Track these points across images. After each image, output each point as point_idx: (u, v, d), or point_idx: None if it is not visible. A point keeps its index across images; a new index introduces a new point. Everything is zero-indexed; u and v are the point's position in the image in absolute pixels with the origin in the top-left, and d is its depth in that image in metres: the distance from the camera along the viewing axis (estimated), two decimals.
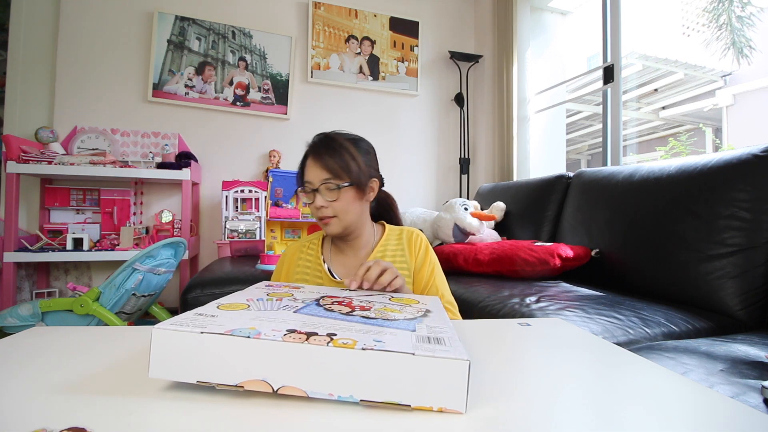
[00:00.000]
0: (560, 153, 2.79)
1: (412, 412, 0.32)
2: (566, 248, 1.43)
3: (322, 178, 0.76)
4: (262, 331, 0.34)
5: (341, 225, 0.79)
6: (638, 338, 0.90)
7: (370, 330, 0.38)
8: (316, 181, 0.77)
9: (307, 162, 0.79)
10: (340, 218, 0.78)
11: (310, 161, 0.79)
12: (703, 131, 5.74)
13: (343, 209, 0.78)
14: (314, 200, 0.77)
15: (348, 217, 0.79)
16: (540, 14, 2.79)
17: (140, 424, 0.30)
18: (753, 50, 4.97)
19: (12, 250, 1.84)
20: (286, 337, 0.34)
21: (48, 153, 1.92)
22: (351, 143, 0.80)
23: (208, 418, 0.31)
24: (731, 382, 0.61)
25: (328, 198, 0.77)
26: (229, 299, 0.48)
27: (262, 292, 0.54)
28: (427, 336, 0.38)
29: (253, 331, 0.34)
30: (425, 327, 0.41)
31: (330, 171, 0.76)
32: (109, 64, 2.26)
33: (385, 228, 0.89)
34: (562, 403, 0.36)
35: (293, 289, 0.58)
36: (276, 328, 0.36)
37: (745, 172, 1.06)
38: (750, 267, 1.03)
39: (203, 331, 0.33)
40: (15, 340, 0.51)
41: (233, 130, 2.48)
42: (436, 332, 0.39)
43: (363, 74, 2.71)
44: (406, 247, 0.86)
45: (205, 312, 0.40)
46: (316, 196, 0.77)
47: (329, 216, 0.78)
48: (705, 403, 0.36)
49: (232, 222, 2.12)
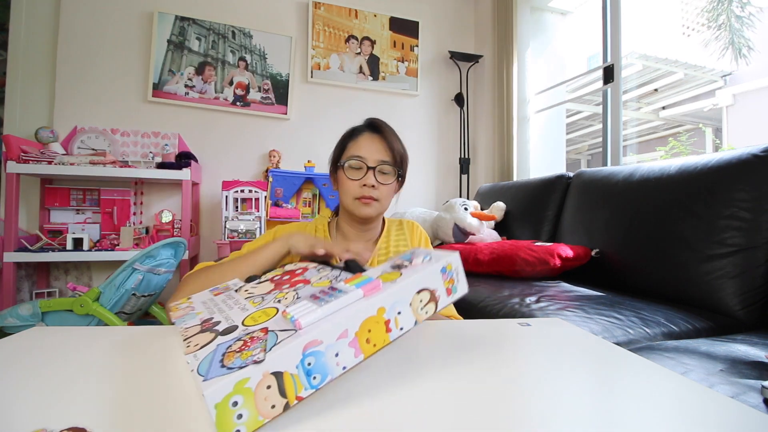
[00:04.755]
0: (560, 153, 2.79)
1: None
2: (566, 248, 1.43)
3: (381, 158, 0.75)
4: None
5: (379, 209, 0.77)
6: (638, 338, 0.90)
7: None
8: (372, 159, 0.74)
9: (362, 137, 0.77)
10: (381, 203, 0.77)
11: (368, 138, 0.76)
12: (703, 131, 5.74)
13: (387, 195, 0.77)
14: (364, 177, 0.74)
15: (386, 203, 0.78)
16: (540, 14, 2.79)
17: (140, 424, 0.30)
18: (752, 50, 4.98)
19: (12, 250, 1.83)
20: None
21: (48, 153, 1.92)
22: (401, 140, 0.81)
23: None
24: (731, 382, 0.61)
25: (381, 180, 0.75)
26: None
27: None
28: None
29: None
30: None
31: (393, 154, 0.75)
32: (109, 64, 2.26)
33: (384, 220, 0.89)
34: (562, 403, 0.36)
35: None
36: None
37: (745, 172, 1.06)
38: (750, 267, 1.03)
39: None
40: (15, 340, 0.51)
41: (233, 130, 2.48)
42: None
43: (363, 74, 2.71)
44: (408, 235, 0.85)
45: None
46: (368, 173, 0.74)
47: (374, 198, 0.75)
48: (705, 403, 0.36)
49: (232, 222, 2.12)
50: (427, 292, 0.40)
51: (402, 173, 0.79)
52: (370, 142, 0.76)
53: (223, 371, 0.28)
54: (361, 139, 0.77)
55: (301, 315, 0.33)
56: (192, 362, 0.31)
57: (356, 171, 0.75)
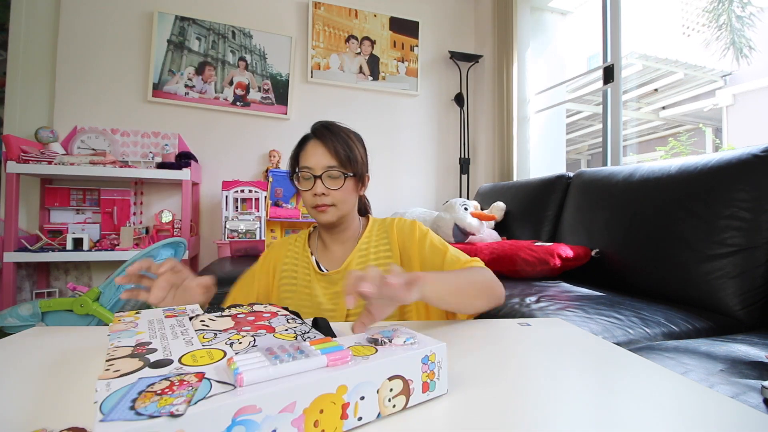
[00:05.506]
0: (560, 153, 2.79)
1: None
2: (566, 248, 1.43)
3: (326, 164, 0.74)
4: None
5: (338, 214, 0.77)
6: (638, 338, 0.90)
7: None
8: (317, 167, 0.74)
9: (307, 147, 0.77)
10: (339, 207, 0.76)
11: (312, 146, 0.76)
12: (703, 131, 5.74)
13: (342, 199, 0.76)
14: (313, 187, 0.74)
15: (345, 207, 0.77)
16: (540, 14, 2.79)
17: None
18: (753, 50, 4.98)
19: (12, 250, 1.83)
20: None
21: (48, 153, 1.92)
22: (352, 134, 0.80)
23: None
24: (731, 382, 0.61)
25: (330, 186, 0.74)
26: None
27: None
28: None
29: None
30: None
31: (337, 158, 0.74)
32: (109, 64, 2.26)
33: (369, 220, 0.87)
34: (562, 403, 0.36)
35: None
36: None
37: (745, 172, 1.06)
38: (750, 267, 1.03)
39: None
40: (15, 340, 0.51)
41: (233, 130, 2.48)
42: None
43: (363, 74, 2.71)
44: (387, 234, 0.82)
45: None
46: (316, 182, 0.74)
47: (327, 204, 0.75)
48: (705, 403, 0.36)
49: (232, 222, 2.12)
50: (400, 380, 0.33)
51: (355, 172, 0.77)
52: (315, 149, 0.76)
53: (128, 415, 0.23)
54: (308, 148, 0.77)
55: (246, 369, 0.28)
56: (100, 390, 0.26)
57: (306, 181, 0.76)
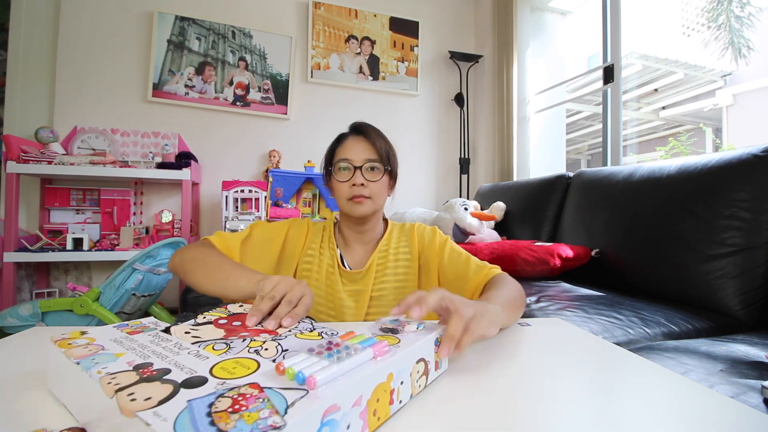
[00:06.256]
0: (560, 153, 2.79)
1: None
2: (566, 248, 1.43)
3: (366, 157, 0.77)
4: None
5: (373, 207, 0.78)
6: (638, 338, 0.90)
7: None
8: (358, 159, 0.76)
9: (347, 141, 0.79)
10: (374, 201, 0.78)
11: (353, 140, 0.79)
12: (703, 131, 5.74)
13: (379, 193, 0.78)
14: (352, 177, 0.76)
15: (380, 201, 0.79)
16: (540, 14, 2.79)
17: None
18: (751, 50, 4.98)
19: (12, 250, 1.83)
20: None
21: (48, 153, 1.92)
22: (387, 138, 0.82)
23: None
24: (731, 382, 0.61)
25: (369, 178, 0.76)
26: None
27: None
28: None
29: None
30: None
31: (377, 152, 0.77)
32: (109, 64, 2.26)
33: (388, 223, 0.88)
34: (562, 403, 0.36)
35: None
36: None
37: (745, 172, 1.06)
38: (750, 267, 1.03)
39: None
40: (15, 340, 0.51)
41: (233, 130, 2.48)
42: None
43: (363, 74, 2.71)
44: (408, 239, 0.84)
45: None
46: (356, 173, 0.76)
47: (365, 196, 0.76)
48: (705, 403, 0.36)
49: (232, 222, 2.12)
50: (423, 362, 0.37)
51: (391, 168, 0.80)
52: (355, 143, 0.78)
53: None
54: (346, 143, 0.79)
55: (313, 371, 0.27)
56: (155, 423, 0.23)
57: (345, 173, 0.77)
